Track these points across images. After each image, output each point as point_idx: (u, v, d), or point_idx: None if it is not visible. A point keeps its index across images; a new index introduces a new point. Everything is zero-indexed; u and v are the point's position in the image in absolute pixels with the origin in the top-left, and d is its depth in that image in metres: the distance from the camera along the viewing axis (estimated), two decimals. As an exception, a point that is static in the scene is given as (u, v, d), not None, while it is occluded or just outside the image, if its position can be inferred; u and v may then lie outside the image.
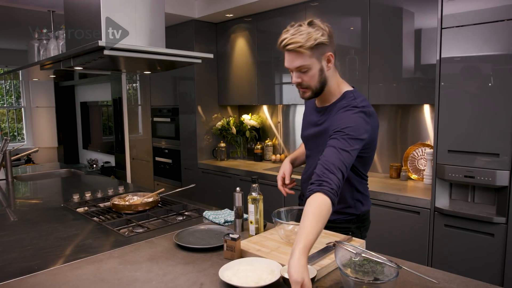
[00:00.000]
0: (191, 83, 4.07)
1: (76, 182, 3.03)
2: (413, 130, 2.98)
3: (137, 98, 4.94)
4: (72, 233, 1.71)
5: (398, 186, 2.71)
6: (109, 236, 1.67)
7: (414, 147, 2.92)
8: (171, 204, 2.17)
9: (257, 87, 3.77)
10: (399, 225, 2.48)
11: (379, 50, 2.81)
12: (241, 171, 3.57)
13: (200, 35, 4.01)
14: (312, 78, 1.41)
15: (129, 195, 2.19)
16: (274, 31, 3.55)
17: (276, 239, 1.48)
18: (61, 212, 2.07)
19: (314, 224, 1.10)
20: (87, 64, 1.88)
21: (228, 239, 1.37)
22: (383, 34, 2.78)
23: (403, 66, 2.71)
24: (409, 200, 2.43)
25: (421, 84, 2.64)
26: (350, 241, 1.44)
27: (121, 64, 2.26)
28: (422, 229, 2.38)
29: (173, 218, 1.96)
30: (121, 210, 2.00)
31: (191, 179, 4.16)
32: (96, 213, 2.02)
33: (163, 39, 1.95)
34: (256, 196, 1.57)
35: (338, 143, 1.30)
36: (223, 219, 1.81)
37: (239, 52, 3.92)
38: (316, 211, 1.13)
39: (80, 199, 2.31)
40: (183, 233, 1.62)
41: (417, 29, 2.63)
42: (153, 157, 4.71)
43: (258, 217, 1.57)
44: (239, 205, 1.66)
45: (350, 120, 1.35)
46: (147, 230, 1.74)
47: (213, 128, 4.16)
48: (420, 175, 2.87)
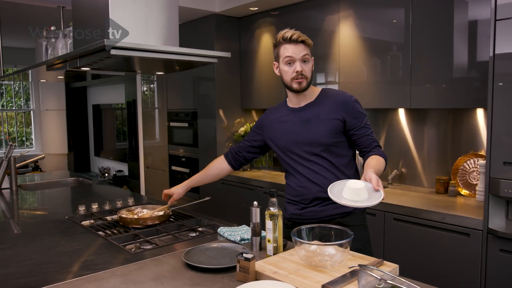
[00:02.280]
0: (211, 84, 4.15)
1: (84, 192, 3.14)
2: (464, 139, 2.91)
3: (153, 100, 5.07)
4: (74, 248, 1.78)
5: (445, 203, 2.65)
6: (114, 252, 1.73)
7: (465, 157, 2.85)
8: (183, 219, 2.22)
9: (284, 88, 3.78)
10: (444, 248, 2.42)
11: (426, 46, 2.77)
12: (265, 183, 3.59)
13: (221, 31, 4.09)
14: (310, 69, 1.84)
15: (138, 207, 2.26)
16: (304, 25, 3.57)
17: (296, 261, 1.49)
18: (65, 225, 2.16)
19: (377, 166, 1.71)
20: (95, 65, 1.97)
21: (241, 259, 1.39)
22: (430, 27, 2.75)
23: (454, 64, 2.66)
24: (457, 220, 2.37)
25: (477, 84, 2.58)
26: (381, 265, 1.43)
27: (134, 64, 2.35)
28: (472, 254, 2.31)
29: (185, 234, 2.00)
30: (128, 224, 2.06)
31: (209, 191, 4.21)
32: (102, 227, 2.09)
33: (177, 36, 2.02)
34: (275, 211, 1.58)
35: (368, 130, 1.85)
36: (239, 236, 1.83)
37: (265, 49, 3.96)
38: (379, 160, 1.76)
39: (87, 211, 2.41)
40: (193, 251, 1.66)
41: (471, 21, 2.58)
42: (169, 166, 4.82)
43: (276, 235, 1.59)
44: (257, 221, 1.68)
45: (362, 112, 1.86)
46: (155, 246, 1.79)
47: (235, 135, 4.21)
48: (472, 190, 2.80)
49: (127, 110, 5.63)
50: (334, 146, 1.84)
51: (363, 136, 1.84)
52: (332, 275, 1.37)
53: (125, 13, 1.88)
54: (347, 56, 3.25)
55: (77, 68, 2.02)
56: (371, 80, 3.10)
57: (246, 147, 2.14)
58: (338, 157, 1.86)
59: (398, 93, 2.94)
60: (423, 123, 3.12)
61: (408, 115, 3.19)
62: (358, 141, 1.86)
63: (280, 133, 1.94)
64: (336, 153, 1.85)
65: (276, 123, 1.97)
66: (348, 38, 3.23)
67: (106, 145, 7.04)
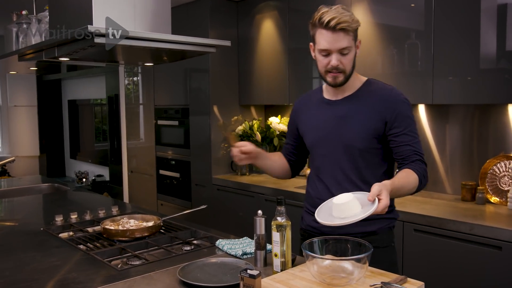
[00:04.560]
0: (205, 76, 4.14)
1: (60, 200, 3.13)
2: (494, 139, 2.91)
3: (138, 95, 5.06)
4: (52, 264, 1.77)
5: (473, 211, 2.65)
6: (98, 268, 1.72)
7: (494, 160, 2.85)
8: (176, 230, 2.21)
9: (288, 82, 3.79)
10: (473, 263, 2.42)
11: (449, 33, 2.77)
12: (267, 189, 3.59)
13: (216, 16, 4.09)
14: (350, 61, 1.72)
15: (124, 217, 2.25)
16: (311, 9, 3.54)
17: (307, 278, 1.49)
18: (41, 238, 2.14)
19: (402, 180, 1.63)
20: (75, 54, 1.96)
21: (246, 276, 1.38)
22: (453, 11, 2.75)
23: (481, 53, 2.66)
24: (487, 231, 2.37)
25: (506, 76, 2.58)
26: (404, 283, 1.43)
27: (118, 54, 2.34)
28: (505, 269, 2.31)
29: (179, 247, 2.00)
30: (114, 237, 2.05)
31: (203, 198, 4.21)
32: (83, 240, 2.09)
33: (169, 23, 2.01)
34: (283, 221, 1.58)
35: (412, 139, 1.74)
36: (241, 250, 1.83)
37: (266, 37, 3.96)
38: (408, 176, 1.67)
39: (65, 221, 2.39)
40: (189, 267, 1.65)
41: (500, 4, 2.58)
42: (156, 170, 4.80)
43: (284, 248, 1.58)
44: (261, 233, 1.68)
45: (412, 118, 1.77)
46: (145, 262, 1.78)
47: (232, 134, 4.20)
48: (503, 197, 2.80)
49: (108, 106, 5.61)
50: (368, 153, 1.77)
51: (404, 145, 1.72)
52: (350, 294, 1.36)
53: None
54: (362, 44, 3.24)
55: (55, 58, 2.01)
56: (387, 72, 3.10)
57: (290, 151, 2.06)
58: (369, 168, 1.78)
59: (417, 87, 2.94)
60: (446, 121, 3.12)
61: (429, 112, 3.20)
62: (395, 150, 1.75)
63: (309, 127, 1.89)
64: (369, 163, 1.78)
65: (306, 115, 1.92)
66: (361, 25, 3.22)
67: (83, 146, 7.02)
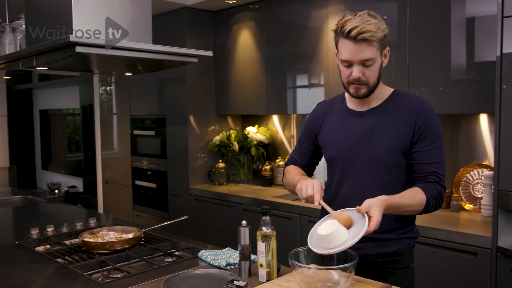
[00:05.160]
0: (182, 86, 4.11)
1: (34, 213, 3.05)
2: (466, 147, 2.98)
3: (112, 105, 4.99)
4: (30, 279, 1.72)
5: (449, 219, 2.69)
6: (78, 282, 1.67)
7: (468, 168, 2.91)
8: (157, 242, 2.18)
9: (265, 92, 3.80)
10: (450, 269, 2.46)
11: (422, 45, 2.83)
12: (245, 198, 3.57)
13: (194, 26, 4.07)
14: (374, 73, 1.62)
15: (103, 229, 2.20)
16: (289, 20, 3.60)
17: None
18: (15, 252, 2.08)
19: (404, 198, 1.57)
20: (54, 64, 1.92)
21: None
22: (426, 23, 2.81)
23: (451, 64, 2.73)
24: (463, 238, 2.41)
25: (475, 87, 2.65)
26: (390, 291, 1.43)
27: (93, 64, 2.29)
28: (481, 275, 2.35)
29: (160, 259, 1.97)
30: (93, 249, 2.01)
31: (181, 208, 4.16)
32: (61, 253, 2.03)
33: (150, 32, 1.99)
34: (268, 232, 1.57)
35: (436, 158, 1.66)
36: (225, 261, 1.81)
37: (243, 47, 3.97)
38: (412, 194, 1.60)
39: (40, 234, 2.32)
40: (173, 279, 1.62)
41: (469, 18, 2.66)
42: (132, 180, 4.73)
43: (270, 258, 1.57)
44: (246, 244, 1.66)
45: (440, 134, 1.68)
46: (126, 275, 1.74)
47: (210, 144, 4.18)
48: (476, 204, 2.86)
49: (82, 116, 5.51)
50: (395, 168, 1.67)
51: (425, 163, 1.63)
52: (337, 303, 1.36)
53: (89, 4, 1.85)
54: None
55: (32, 67, 1.97)
56: (364, 82, 3.13)
57: (306, 159, 1.92)
58: (393, 184, 1.67)
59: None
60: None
61: (405, 121, 3.24)
62: (416, 167, 1.65)
63: (332, 138, 1.77)
64: (393, 179, 1.68)
65: (328, 124, 1.80)
66: (338, 36, 3.26)
67: (55, 156, 6.86)
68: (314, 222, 1.69)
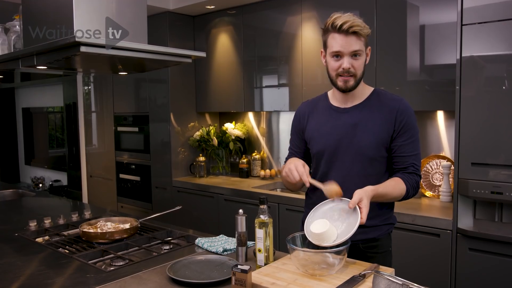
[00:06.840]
0: (164, 86, 4.03)
1: (29, 206, 2.93)
2: (425, 141, 3.05)
3: (96, 103, 4.84)
4: (36, 269, 1.64)
5: (412, 205, 2.75)
6: (83, 271, 1.61)
7: (427, 159, 2.99)
8: (152, 231, 2.13)
9: (243, 91, 3.77)
10: (416, 249, 2.51)
11: (385, 49, 2.88)
12: (225, 189, 3.55)
13: (174, 30, 4.00)
14: (360, 66, 1.64)
15: (100, 220, 2.13)
16: (263, 26, 3.58)
17: (291, 270, 1.47)
18: (17, 244, 1.99)
19: (388, 188, 1.60)
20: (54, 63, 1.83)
21: (237, 271, 1.35)
22: (390, 29, 2.86)
23: (407, 67, 2.81)
24: (427, 221, 2.47)
25: (427, 87, 2.73)
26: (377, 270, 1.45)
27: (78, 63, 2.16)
28: (443, 254, 2.42)
29: (158, 247, 1.93)
30: (93, 239, 1.94)
31: (164, 199, 4.09)
32: (62, 243, 1.96)
33: (146, 33, 1.93)
34: (265, 219, 1.56)
35: (413, 151, 1.69)
36: (222, 247, 1.79)
37: (221, 50, 3.92)
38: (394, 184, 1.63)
39: (38, 226, 2.23)
40: (177, 265, 1.59)
41: (421, 25, 2.74)
42: (116, 174, 4.61)
43: (268, 244, 1.56)
44: (243, 231, 1.64)
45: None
46: (129, 262, 1.69)
47: (190, 139, 4.12)
48: (435, 191, 2.93)
49: (66, 114, 5.33)
50: (377, 161, 1.68)
51: (404, 155, 1.65)
52: (333, 282, 1.36)
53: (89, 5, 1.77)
54: (310, 59, 3.29)
55: (32, 66, 1.87)
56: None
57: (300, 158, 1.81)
58: (376, 176, 1.68)
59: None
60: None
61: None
62: (396, 159, 1.67)
63: (318, 134, 1.74)
64: (376, 171, 1.68)
65: (313, 121, 1.78)
66: (311, 41, 3.28)
67: (38, 152, 6.61)
68: (292, 210, 1.67)
